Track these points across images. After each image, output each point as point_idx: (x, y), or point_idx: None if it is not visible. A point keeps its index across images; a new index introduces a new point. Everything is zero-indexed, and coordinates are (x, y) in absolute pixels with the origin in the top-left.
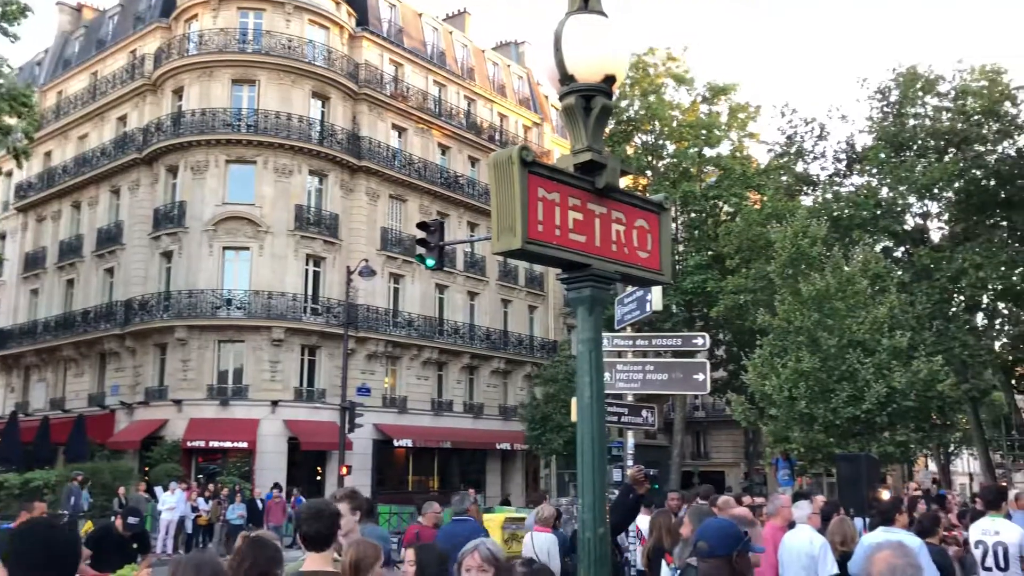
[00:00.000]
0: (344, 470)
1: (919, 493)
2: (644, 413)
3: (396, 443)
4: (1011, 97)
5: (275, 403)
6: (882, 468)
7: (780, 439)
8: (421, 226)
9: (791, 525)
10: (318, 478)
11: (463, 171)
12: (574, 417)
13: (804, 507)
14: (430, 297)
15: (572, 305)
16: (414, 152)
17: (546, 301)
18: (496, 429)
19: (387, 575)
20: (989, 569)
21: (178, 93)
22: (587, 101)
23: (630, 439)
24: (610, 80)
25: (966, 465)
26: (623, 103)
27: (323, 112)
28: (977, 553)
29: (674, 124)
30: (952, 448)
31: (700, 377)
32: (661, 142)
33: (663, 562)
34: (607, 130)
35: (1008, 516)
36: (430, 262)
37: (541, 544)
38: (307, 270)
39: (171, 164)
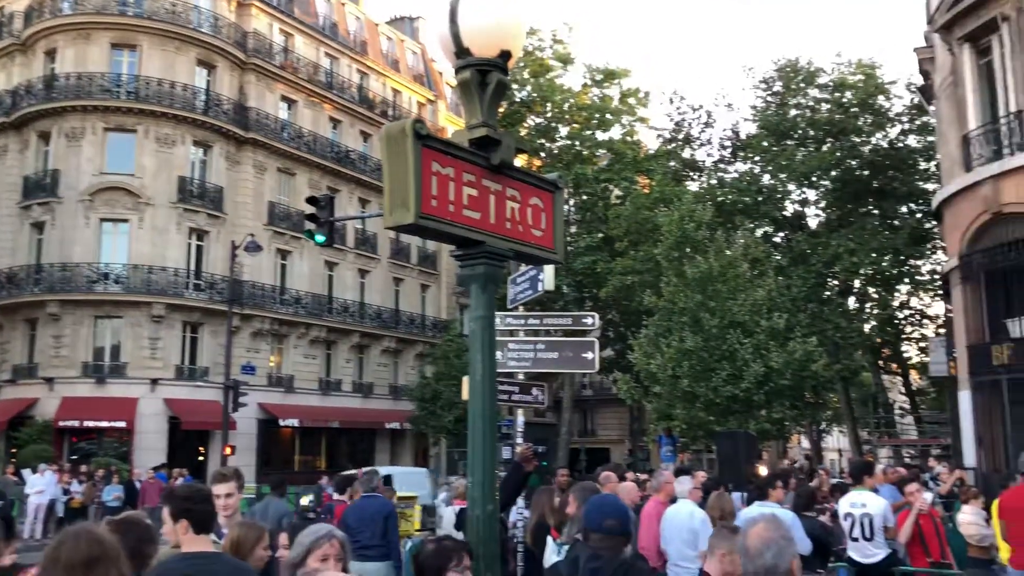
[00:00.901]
0: (228, 450)
1: (796, 466)
2: (534, 391)
3: (282, 423)
4: (884, 91)
5: (155, 381)
6: (759, 444)
7: (663, 416)
8: (310, 201)
9: (673, 500)
10: (200, 459)
11: (355, 146)
12: (465, 395)
13: (685, 482)
14: (319, 274)
15: (465, 282)
16: (304, 125)
17: (439, 280)
18: (386, 408)
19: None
20: (856, 539)
21: (51, 55)
22: (483, 76)
23: (520, 417)
24: (506, 56)
25: (836, 442)
26: (516, 81)
27: (209, 81)
28: (846, 524)
29: (566, 107)
30: (824, 425)
31: (589, 356)
32: (554, 125)
33: (548, 538)
34: (503, 111)
35: (874, 489)
36: (319, 238)
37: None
38: (190, 244)
39: (43, 130)
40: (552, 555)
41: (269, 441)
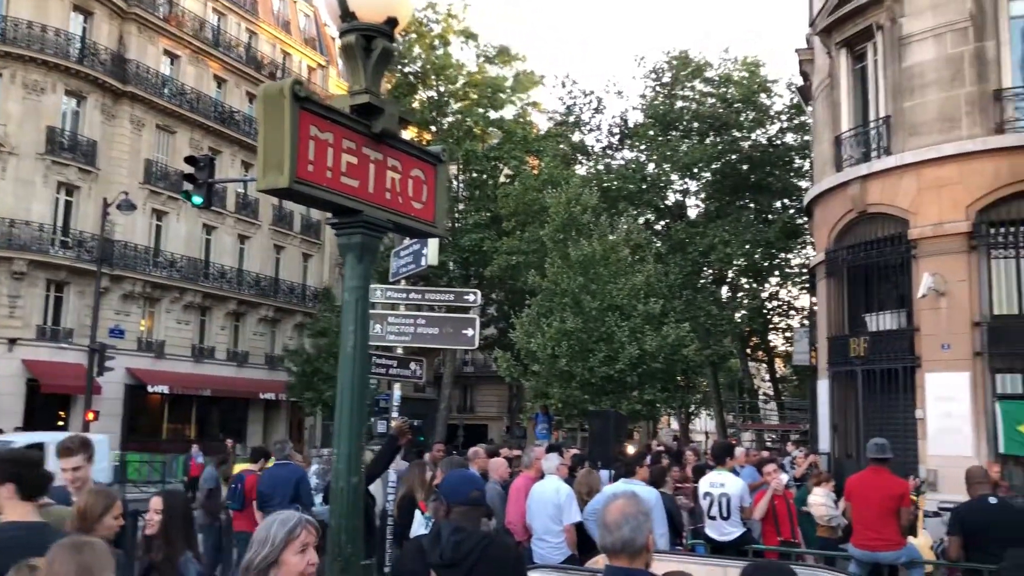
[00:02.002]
0: (90, 416)
1: (661, 448)
2: (412, 366)
3: (151, 389)
4: (767, 89)
5: (13, 341)
6: (629, 425)
7: (541, 395)
8: (189, 160)
9: (542, 476)
10: (60, 424)
11: (240, 107)
12: None
13: (553, 459)
14: (196, 237)
15: (341, 252)
16: (187, 82)
17: (322, 249)
18: (261, 378)
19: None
20: (713, 518)
21: None
22: (368, 42)
23: (397, 391)
24: (392, 23)
25: (703, 424)
26: (407, 58)
27: (85, 28)
28: (704, 504)
29: (459, 83)
30: (692, 408)
31: (470, 332)
32: (446, 100)
33: (416, 511)
34: (392, 82)
35: (735, 471)
36: (197, 199)
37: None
38: (58, 199)
39: None
40: (420, 528)
41: (136, 408)
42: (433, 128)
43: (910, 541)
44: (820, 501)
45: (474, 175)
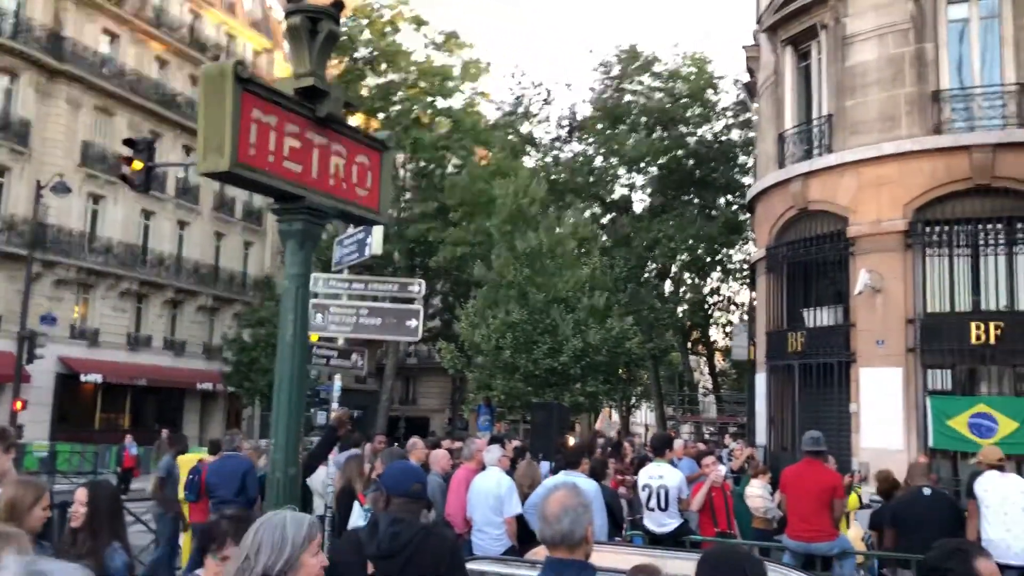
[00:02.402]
0: (18, 405)
1: (602, 440)
2: (354, 357)
3: (84, 378)
4: (713, 85)
5: None
6: (572, 417)
7: (484, 387)
8: (128, 143)
9: (484, 468)
10: None
11: (182, 90)
12: None
13: (495, 451)
14: (134, 223)
15: (282, 238)
16: (127, 63)
17: (264, 238)
18: (199, 368)
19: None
20: (652, 509)
21: None
22: (313, 24)
23: (337, 383)
24: (339, 5)
25: (644, 417)
26: (357, 43)
27: (19, 3)
28: (643, 495)
29: (409, 70)
30: (633, 401)
31: (413, 324)
32: (395, 85)
33: (355, 503)
34: (340, 67)
35: (673, 463)
36: (135, 183)
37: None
38: None
39: None
40: (358, 519)
41: (68, 397)
42: (381, 115)
43: (842, 532)
44: (756, 493)
45: (421, 164)
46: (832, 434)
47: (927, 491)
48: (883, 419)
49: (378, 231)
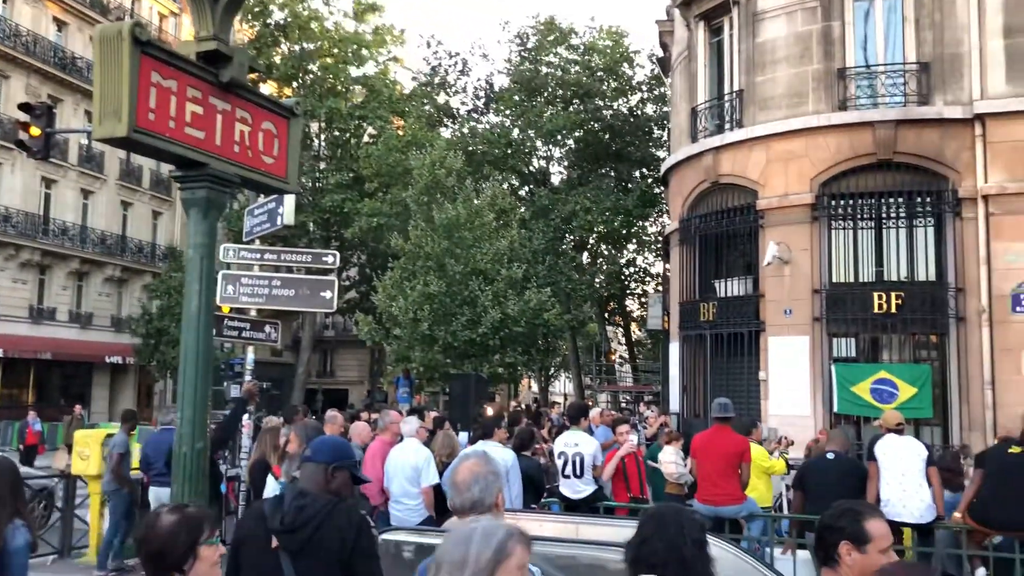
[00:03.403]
0: None
1: (521, 409)
2: (268, 329)
3: None
4: (629, 59)
5: None
6: (490, 387)
7: (402, 358)
8: (24, 108)
9: (401, 439)
10: None
11: (83, 53)
12: None
13: (412, 422)
14: (34, 191)
15: (185, 207)
16: (22, 23)
17: (173, 207)
18: (107, 341)
19: None
20: (568, 476)
21: None
22: None
23: (251, 355)
24: None
25: (562, 386)
26: (270, 7)
27: None
28: (559, 462)
29: (324, 37)
30: (552, 371)
31: (327, 295)
32: (309, 52)
33: (269, 476)
34: (253, 33)
35: (590, 430)
36: (33, 150)
37: None
38: None
39: None
40: (273, 493)
41: None
42: (295, 84)
43: (749, 495)
44: (669, 459)
45: (336, 134)
46: (742, 401)
47: (831, 455)
48: (791, 386)
49: (290, 201)
